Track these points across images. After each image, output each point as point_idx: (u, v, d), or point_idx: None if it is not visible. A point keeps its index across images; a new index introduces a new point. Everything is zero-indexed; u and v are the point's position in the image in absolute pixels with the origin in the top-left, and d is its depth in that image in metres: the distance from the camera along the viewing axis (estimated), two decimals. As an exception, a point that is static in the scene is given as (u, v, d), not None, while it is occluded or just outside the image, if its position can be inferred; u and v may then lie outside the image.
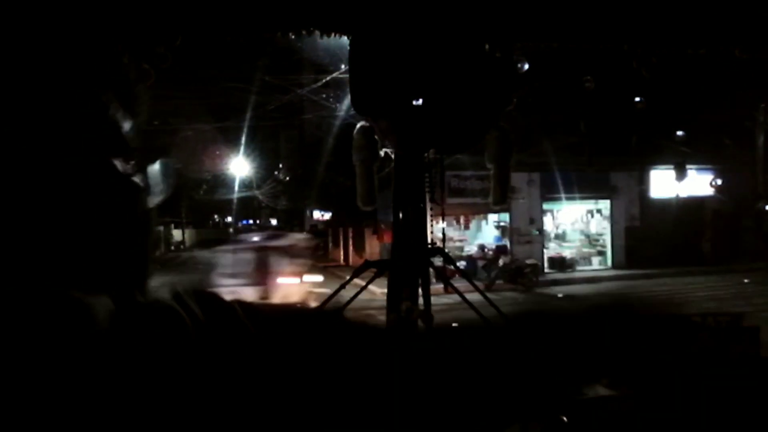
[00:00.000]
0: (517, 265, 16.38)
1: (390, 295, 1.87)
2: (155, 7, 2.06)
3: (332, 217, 29.33)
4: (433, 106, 1.80)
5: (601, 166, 17.26)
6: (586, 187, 17.92)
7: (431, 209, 2.17)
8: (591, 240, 20.38)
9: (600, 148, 15.42)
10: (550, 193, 18.39)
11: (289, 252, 9.26)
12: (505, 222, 19.66)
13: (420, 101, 1.79)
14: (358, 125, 1.95)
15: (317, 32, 1.94)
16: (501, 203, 2.02)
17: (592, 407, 1.75)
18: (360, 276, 2.35)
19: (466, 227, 19.35)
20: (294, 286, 8.27)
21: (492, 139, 1.90)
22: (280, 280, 8.36)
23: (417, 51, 1.79)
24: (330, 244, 31.56)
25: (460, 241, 20.23)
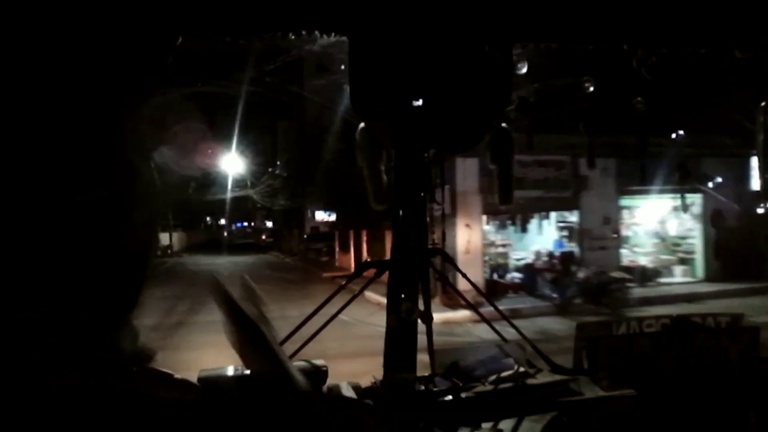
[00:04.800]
0: (600, 280, 13.90)
1: (390, 295, 2.15)
2: (154, 7, 2.35)
3: (339, 218, 28.96)
4: (433, 106, 2.06)
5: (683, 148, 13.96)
6: (670, 178, 14.98)
7: (442, 209, 2.40)
8: (669, 244, 17.96)
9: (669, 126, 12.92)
10: (628, 185, 15.78)
11: None
12: (571, 222, 16.89)
13: (419, 102, 2.06)
14: (360, 126, 2.23)
15: (317, 32, 2.23)
16: (506, 203, 2.27)
17: (592, 407, 2.02)
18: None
19: (524, 228, 17.19)
20: None
21: (492, 139, 2.17)
22: None
23: (416, 51, 2.06)
24: (337, 249, 31.16)
25: (503, 246, 17.17)
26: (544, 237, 17.43)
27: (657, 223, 18.08)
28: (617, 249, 16.77)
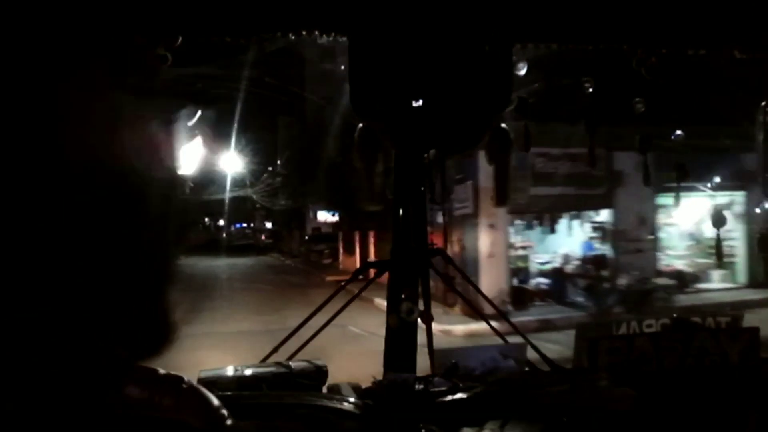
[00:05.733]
0: (644, 288, 13.30)
1: (390, 295, 2.22)
2: (154, 8, 2.43)
3: (343, 218, 28.62)
4: (433, 106, 2.13)
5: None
6: (709, 174, 14.18)
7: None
8: (705, 246, 17.07)
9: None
10: (666, 182, 14.52)
11: None
12: (602, 222, 15.84)
13: (419, 102, 2.13)
14: (360, 125, 2.30)
15: (317, 33, 2.30)
16: (502, 204, 2.35)
17: (592, 407, 2.08)
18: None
19: (552, 229, 16.17)
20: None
21: (490, 139, 2.24)
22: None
23: (416, 52, 2.13)
24: (341, 251, 30.82)
25: (523, 248, 16.15)
26: (571, 238, 16.46)
27: (694, 223, 17.12)
28: (654, 252, 15.89)
